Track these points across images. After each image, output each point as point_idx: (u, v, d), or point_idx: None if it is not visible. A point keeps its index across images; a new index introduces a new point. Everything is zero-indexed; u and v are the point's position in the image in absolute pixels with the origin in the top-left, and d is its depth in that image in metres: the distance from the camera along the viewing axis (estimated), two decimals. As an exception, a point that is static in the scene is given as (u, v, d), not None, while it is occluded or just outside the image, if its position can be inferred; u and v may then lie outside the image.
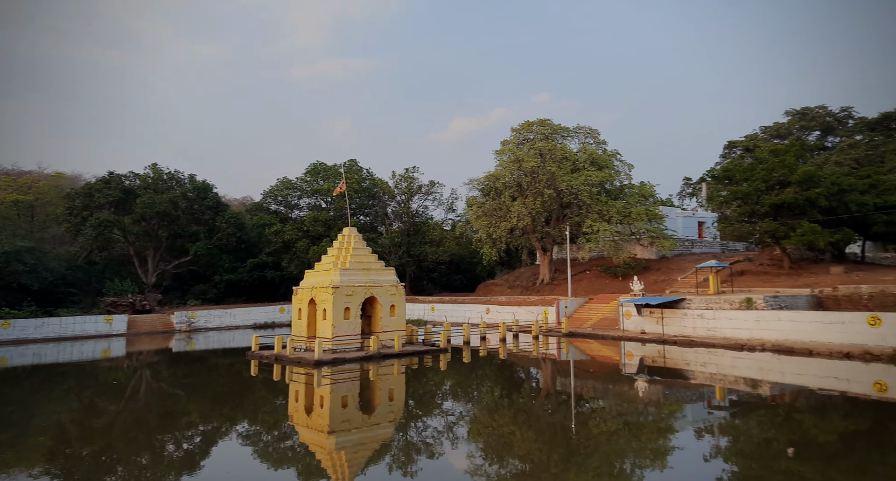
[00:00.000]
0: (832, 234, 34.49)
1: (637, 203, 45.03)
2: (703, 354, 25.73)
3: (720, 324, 28.34)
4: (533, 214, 44.59)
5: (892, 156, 50.14)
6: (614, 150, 48.67)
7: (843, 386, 18.79)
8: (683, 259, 45.96)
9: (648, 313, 31.61)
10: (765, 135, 61.75)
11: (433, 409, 17.46)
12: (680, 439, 13.48)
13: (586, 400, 18.21)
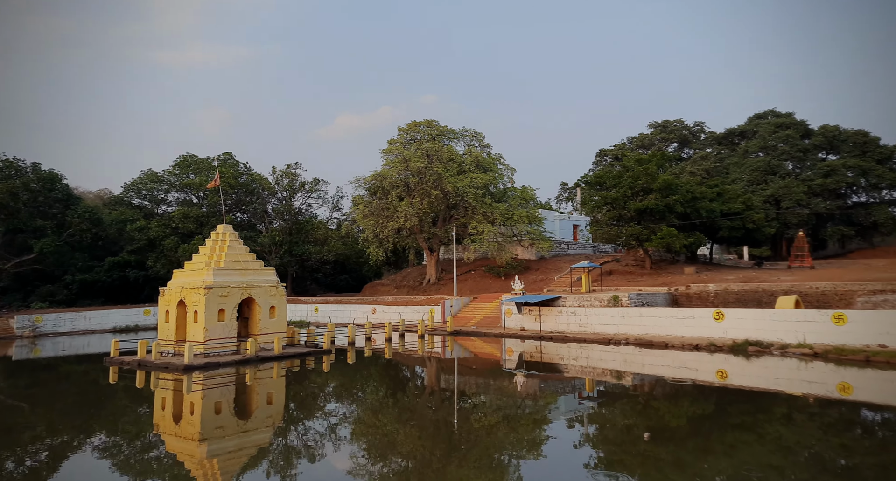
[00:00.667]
0: (686, 238, 38.44)
1: (519, 206, 47.07)
2: (576, 349, 27.39)
3: (591, 320, 30.36)
4: (420, 215, 44.87)
5: (735, 167, 57.13)
6: (498, 154, 50.51)
7: (692, 375, 20.84)
8: (560, 259, 48.79)
9: (528, 311, 33.06)
10: (631, 144, 67.45)
11: (315, 411, 16.83)
12: (553, 429, 14.14)
13: (468, 396, 18.53)
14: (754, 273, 38.19)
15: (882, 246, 56.81)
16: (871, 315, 22.15)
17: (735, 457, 11.26)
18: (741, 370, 21.04)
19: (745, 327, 24.83)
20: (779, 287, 29.48)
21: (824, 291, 27.79)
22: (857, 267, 38.83)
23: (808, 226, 52.38)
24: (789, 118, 59.08)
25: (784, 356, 22.33)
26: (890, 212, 55.14)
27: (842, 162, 53.57)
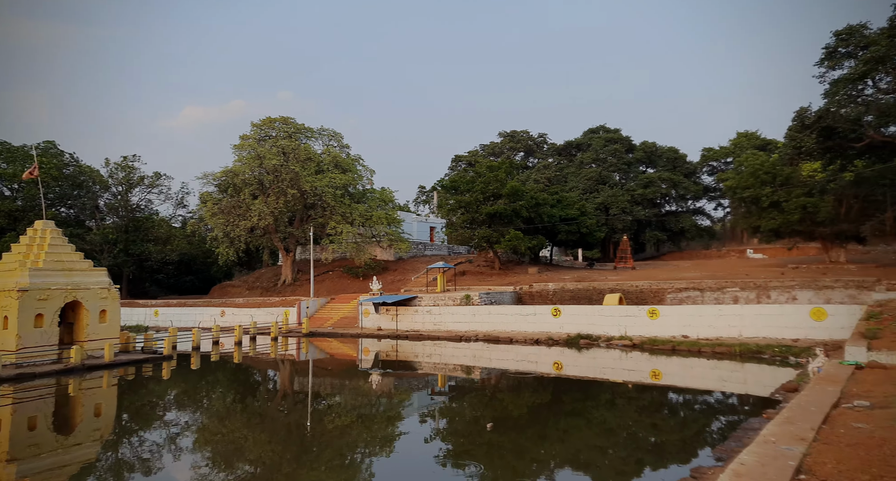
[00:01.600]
0: (531, 240, 41.70)
1: (378, 207, 47.36)
2: (430, 346, 28.33)
3: (445, 318, 31.60)
4: (276, 214, 43.09)
5: (572, 177, 63.08)
6: (357, 155, 50.34)
7: (533, 368, 22.71)
8: (417, 260, 50.01)
9: (385, 311, 33.42)
10: (483, 152, 71.40)
11: (152, 421, 15.38)
12: (406, 425, 14.53)
13: (323, 397, 18.30)
14: (587, 273, 42.65)
15: (688, 249, 66.82)
16: (677, 310, 26.00)
17: (567, 442, 12.49)
18: (574, 361, 23.39)
19: (578, 322, 27.64)
20: (606, 285, 33.22)
21: (642, 289, 31.92)
22: (668, 267, 45.20)
23: (631, 231, 59.73)
24: (617, 134, 66.82)
25: (609, 347, 25.24)
26: (693, 220, 65.10)
27: (657, 175, 61.94)
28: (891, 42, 21.77)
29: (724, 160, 66.94)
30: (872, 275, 27.26)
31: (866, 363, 11.19)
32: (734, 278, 30.80)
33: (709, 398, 16.94)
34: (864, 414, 7.39)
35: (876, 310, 18.33)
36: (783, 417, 7.33)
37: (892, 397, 8.24)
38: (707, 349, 22.63)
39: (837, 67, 25.05)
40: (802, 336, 22.15)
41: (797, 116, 27.09)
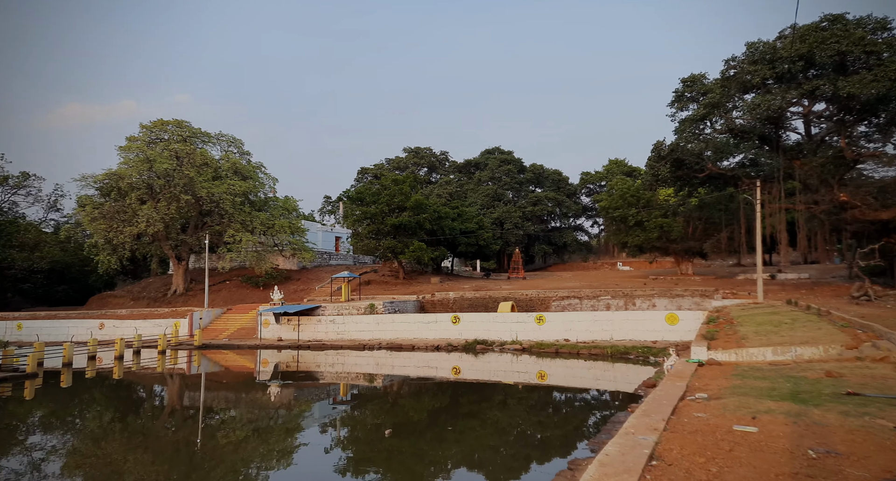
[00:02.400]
0: (433, 251, 43.21)
1: (281, 216, 46.46)
2: (333, 356, 28.56)
3: (348, 327, 31.97)
4: (167, 220, 40.83)
5: (472, 193, 66.01)
6: (259, 162, 49.09)
7: (433, 373, 23.76)
8: (322, 270, 49.64)
9: (286, 321, 33.08)
10: (389, 165, 72.69)
11: (8, 447, 13.84)
12: (306, 436, 14.49)
13: (216, 412, 17.75)
14: (483, 282, 44.91)
15: (570, 261, 72.26)
16: (560, 316, 28.50)
17: (463, 443, 13.21)
18: (471, 366, 24.82)
19: (476, 328, 29.31)
20: (500, 294, 35.39)
21: (531, 298, 34.41)
22: (554, 278, 48.75)
23: (522, 244, 63.61)
24: (510, 155, 71.19)
25: (502, 351, 27.07)
26: (574, 236, 71.07)
27: (545, 194, 66.85)
28: (723, 91, 25.96)
29: (599, 183, 73.63)
30: (712, 286, 31.79)
31: (706, 361, 13.41)
32: (607, 288, 34.22)
33: (586, 395, 18.98)
34: (703, 405, 8.70)
35: (714, 316, 21.68)
36: (641, 410, 8.36)
37: (724, 389, 9.88)
38: (584, 351, 25.15)
39: (684, 109, 29.26)
40: (660, 338, 25.40)
41: (655, 148, 31.18)
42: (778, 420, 7.43)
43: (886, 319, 16.06)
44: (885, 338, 12.71)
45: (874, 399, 8.37)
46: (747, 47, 25.54)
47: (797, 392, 9.14)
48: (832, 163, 25.42)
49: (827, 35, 22.56)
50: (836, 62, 22.84)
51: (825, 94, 23.41)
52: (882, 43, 22.01)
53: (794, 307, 20.96)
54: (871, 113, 23.87)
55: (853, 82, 21.46)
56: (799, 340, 13.89)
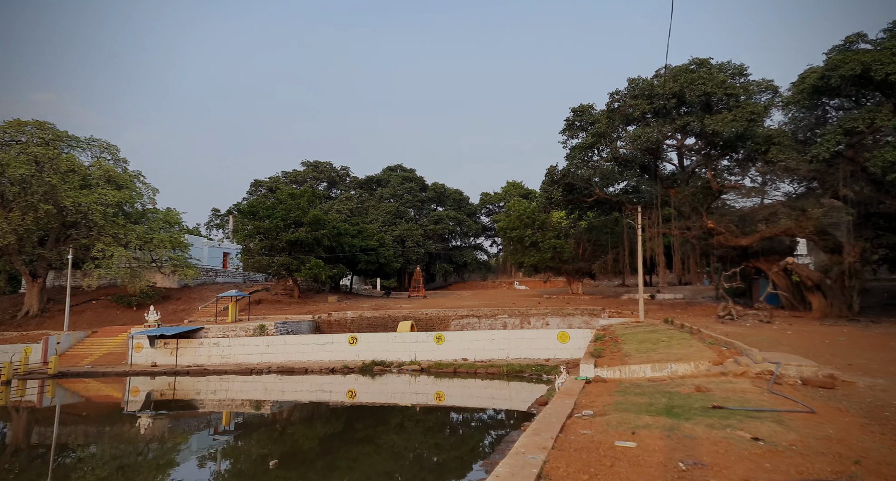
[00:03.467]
0: (331, 269, 41.91)
1: (161, 229, 42.77)
2: (216, 382, 26.45)
3: (234, 350, 29.86)
4: (20, 232, 35.87)
5: (373, 209, 65.33)
6: (137, 171, 44.98)
7: (327, 397, 22.81)
8: (207, 288, 46.22)
9: (163, 344, 30.26)
10: (285, 179, 70.02)
11: None
12: (182, 472, 13.45)
13: (72, 449, 15.81)
14: (383, 301, 44.27)
15: (470, 280, 73.63)
16: (458, 335, 28.66)
17: (357, 470, 12.79)
18: (367, 388, 24.13)
19: (374, 349, 28.62)
20: (400, 313, 34.99)
21: (431, 316, 34.36)
22: (454, 296, 49.26)
23: (424, 262, 63.89)
24: (412, 173, 71.63)
25: (401, 372, 26.61)
26: (474, 255, 72.65)
27: (446, 213, 67.87)
28: (608, 122, 28.09)
29: (497, 204, 76.10)
30: (600, 305, 33.79)
31: (593, 378, 13.93)
32: (504, 307, 35.11)
33: (482, 415, 19.09)
34: (588, 422, 8.93)
35: (601, 334, 22.88)
36: (532, 429, 8.39)
37: (608, 405, 10.24)
38: (482, 370, 25.39)
39: (574, 137, 31.21)
40: (552, 356, 26.34)
41: (548, 173, 32.89)
42: (654, 434, 7.82)
43: (746, 337, 17.77)
44: (745, 355, 13.91)
45: (735, 411, 9.05)
46: (629, 83, 27.77)
47: (671, 406, 9.65)
48: (701, 193, 28.17)
49: (695, 77, 25.13)
50: (703, 101, 25.46)
51: (694, 130, 26.02)
52: (739, 87, 24.95)
53: (671, 326, 22.61)
54: (732, 149, 26.86)
55: (717, 120, 24.00)
56: (674, 357, 14.82)
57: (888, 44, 21.04)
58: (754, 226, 26.30)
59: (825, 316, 24.04)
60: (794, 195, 27.81)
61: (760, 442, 7.33)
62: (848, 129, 21.35)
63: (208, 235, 65.45)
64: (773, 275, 26.03)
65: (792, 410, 9.04)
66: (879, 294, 31.81)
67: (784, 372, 11.78)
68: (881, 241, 24.32)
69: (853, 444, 7.21)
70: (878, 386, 10.83)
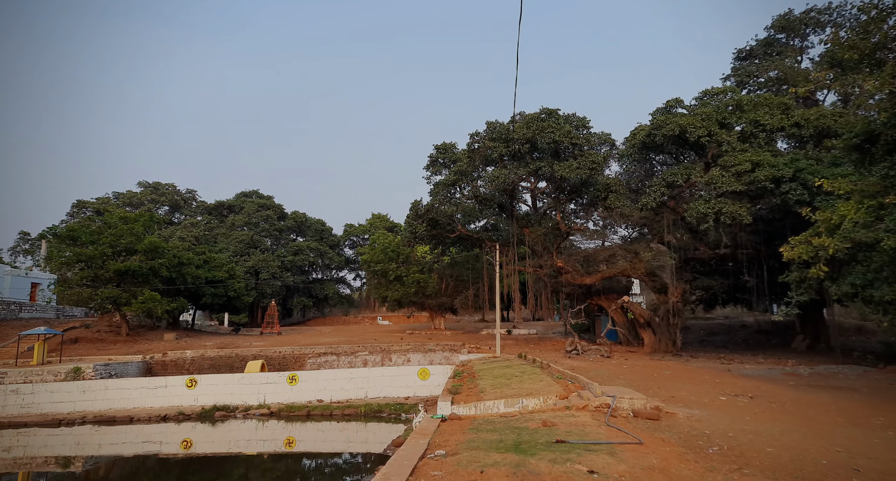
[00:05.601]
0: (170, 303, 37.61)
1: (-53, 253, 35.45)
2: (10, 436, 21.93)
3: (39, 398, 25.11)
4: None
5: (223, 237, 60.64)
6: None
7: (156, 449, 19.96)
8: (7, 324, 38.85)
9: (-62, 395, 24.52)
10: (117, 200, 62.41)
11: None
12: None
13: None
14: (231, 339, 40.71)
15: (331, 315, 71.11)
16: (314, 374, 27.07)
17: None
18: (206, 437, 21.61)
19: (216, 392, 25.84)
20: (250, 352, 32.30)
21: (285, 355, 32.19)
22: (312, 333, 47.03)
23: (280, 296, 60.38)
24: (270, 200, 68.12)
25: (247, 418, 24.26)
26: (336, 288, 70.22)
27: (307, 244, 65.21)
28: (469, 162, 29.54)
29: (362, 236, 75.20)
30: (461, 340, 34.43)
31: (449, 415, 13.76)
32: (366, 343, 34.20)
33: (337, 460, 17.98)
34: (440, 462, 8.73)
35: (459, 370, 23.05)
36: (382, 474, 8.05)
37: (460, 444, 10.10)
38: (338, 411, 24.12)
39: (438, 173, 32.22)
40: (412, 394, 25.91)
41: (413, 207, 33.36)
42: (501, 472, 7.87)
43: (589, 371, 18.98)
44: (587, 389, 14.70)
45: (576, 445, 9.39)
46: (487, 126, 29.43)
47: (519, 442, 9.78)
48: (552, 234, 30.35)
49: (545, 125, 27.38)
50: (552, 148, 27.74)
51: (546, 174, 28.14)
52: (583, 138, 27.67)
53: (524, 361, 23.48)
54: (578, 194, 29.52)
55: (564, 167, 26.24)
56: (525, 392, 15.20)
57: (699, 110, 24.73)
58: (597, 267, 28.81)
59: (654, 351, 26.77)
60: (629, 239, 31.14)
61: (595, 474, 7.66)
62: (670, 183, 24.48)
63: (13, 262, 55.47)
64: (613, 312, 28.56)
65: (623, 441, 9.54)
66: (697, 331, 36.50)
67: (619, 404, 12.48)
68: (698, 283, 27.98)
69: (672, 473, 7.79)
70: (693, 417, 11.94)
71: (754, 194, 23.32)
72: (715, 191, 22.71)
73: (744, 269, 27.25)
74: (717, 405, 13.58)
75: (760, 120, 23.56)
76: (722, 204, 22.33)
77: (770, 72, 30.17)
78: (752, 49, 33.17)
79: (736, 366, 21.93)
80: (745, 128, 24.31)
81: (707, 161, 24.78)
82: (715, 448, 9.32)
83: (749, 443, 9.56)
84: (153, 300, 35.91)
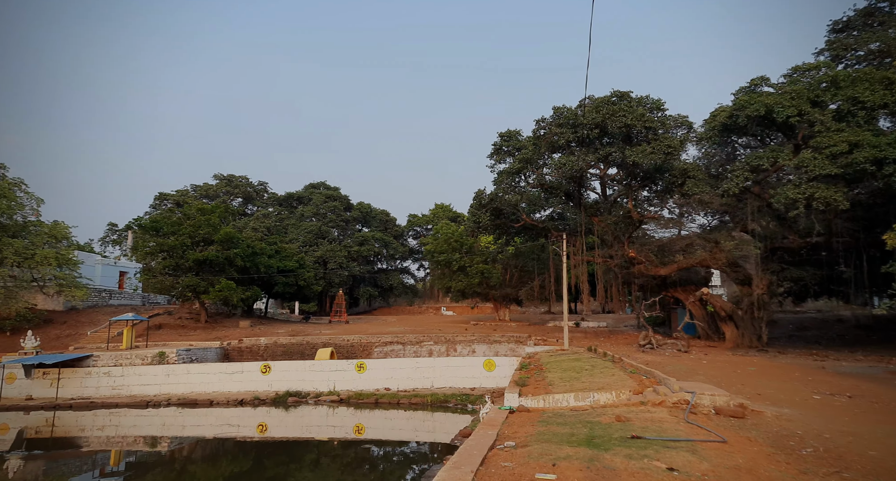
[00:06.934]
0: (244, 291, 39.27)
1: (45, 244, 38.30)
2: (104, 416, 23.61)
3: (129, 381, 26.90)
4: None
5: (293, 228, 62.62)
6: (18, 179, 40.16)
7: (234, 432, 20.86)
8: (98, 311, 41.91)
9: (42, 374, 26.75)
10: (195, 193, 65.48)
11: None
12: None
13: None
14: (302, 327, 42.04)
15: (395, 305, 72.07)
16: (381, 363, 27.45)
17: None
18: (280, 421, 22.39)
19: (289, 378, 26.74)
20: (320, 340, 33.22)
21: (353, 343, 32.88)
22: (378, 322, 47.79)
23: (347, 285, 61.75)
24: (337, 191, 69.54)
25: (318, 404, 24.95)
26: (401, 278, 70.92)
27: (371, 234, 66.18)
28: (534, 149, 28.65)
29: (425, 226, 75.41)
30: (526, 332, 33.81)
31: (517, 407, 13.49)
32: (430, 333, 34.30)
33: (405, 449, 18.09)
34: (510, 453, 8.65)
35: (526, 362, 22.62)
36: (452, 463, 8.01)
37: (530, 436, 9.96)
38: (405, 400, 24.32)
39: (502, 162, 31.53)
40: (478, 384, 25.73)
41: (476, 197, 32.88)
42: (574, 465, 7.66)
43: (665, 366, 18.07)
44: (664, 384, 14.00)
45: (653, 441, 8.98)
46: (554, 111, 28.46)
47: (592, 437, 9.54)
48: (623, 222, 29.09)
49: (616, 109, 26.13)
50: (624, 133, 26.47)
51: (616, 160, 26.91)
52: (657, 121, 26.16)
53: (594, 354, 22.75)
54: (651, 180, 28.05)
55: (637, 152, 24.96)
56: (596, 386, 14.73)
57: (788, 88, 22.78)
58: (672, 257, 27.36)
59: (737, 346, 25.18)
60: (709, 227, 29.35)
61: (675, 472, 7.30)
62: (754, 167, 22.77)
63: (103, 252, 59.60)
64: (690, 304, 27.07)
65: (705, 440, 9.11)
66: (785, 325, 34.12)
67: (699, 401, 11.87)
68: (786, 275, 25.98)
69: (761, 474, 7.27)
70: (783, 416, 11.11)
71: (852, 178, 21.31)
72: (806, 174, 20.91)
73: (839, 259, 25.06)
74: (811, 404, 12.54)
75: (859, 96, 21.42)
76: (814, 188, 20.55)
77: (871, 44, 27.32)
78: (850, 20, 30.18)
79: (831, 363, 20.26)
80: (842, 106, 22.18)
81: (797, 143, 22.87)
82: (809, 449, 8.63)
83: (848, 446, 8.77)
84: (229, 288, 37.57)
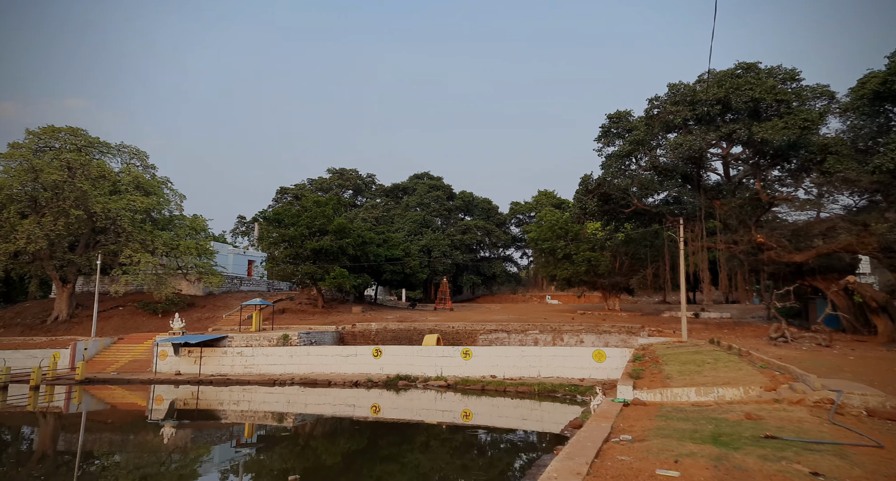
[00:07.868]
0: (356, 279, 41.30)
1: (187, 236, 42.86)
2: (238, 392, 25.98)
3: (258, 360, 29.38)
4: (52, 237, 36.26)
5: (399, 218, 64.68)
6: (165, 177, 45.30)
7: (350, 412, 22.08)
8: (231, 296, 46.20)
9: (187, 353, 30.00)
10: (311, 186, 69.81)
11: None
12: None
13: (97, 457, 15.62)
14: (409, 313, 43.46)
15: (499, 293, 72.03)
16: (487, 350, 27.59)
17: None
18: (391, 403, 23.30)
19: (398, 362, 27.77)
20: (426, 326, 34.12)
21: (458, 330, 33.40)
22: (481, 310, 48.14)
23: (450, 273, 62.74)
24: (439, 181, 70.66)
25: (426, 388, 25.66)
26: (504, 267, 70.70)
27: (474, 223, 66.54)
28: (647, 130, 26.84)
29: (528, 214, 74.22)
30: (638, 322, 32.20)
31: (632, 400, 12.90)
32: (535, 321, 33.89)
33: (512, 436, 18.04)
34: (627, 447, 8.33)
35: (640, 353, 21.53)
36: (565, 453, 7.84)
37: (648, 431, 9.54)
38: (511, 388, 24.25)
39: (610, 144, 29.87)
40: (587, 375, 25.00)
41: (582, 182, 31.46)
42: (699, 463, 7.19)
43: (802, 361, 16.38)
44: (801, 381, 12.75)
45: (791, 442, 8.24)
46: (669, 88, 26.56)
47: (718, 434, 8.96)
48: (749, 205, 26.56)
49: (741, 82, 23.83)
50: (750, 108, 24.10)
51: (741, 138, 24.54)
52: (791, 93, 23.45)
53: (717, 347, 21.21)
54: (784, 158, 25.27)
55: (766, 128, 22.58)
56: (721, 381, 13.81)
57: (958, 45, 19.50)
58: (810, 242, 24.59)
59: (892, 340, 22.17)
60: (855, 208, 25.93)
61: (821, 477, 6.62)
62: (912, 138, 19.80)
63: (233, 242, 65.65)
64: (833, 294, 24.17)
65: (857, 444, 8.15)
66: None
67: (846, 401, 10.70)
68: (953, 261, 22.40)
69: None
70: (953, 422, 9.60)
71: None
72: (982, 144, 17.79)
73: None
74: None
75: None
76: None
77: None
78: None
79: None
80: None
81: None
82: None
83: None
84: (342, 276, 39.69)
